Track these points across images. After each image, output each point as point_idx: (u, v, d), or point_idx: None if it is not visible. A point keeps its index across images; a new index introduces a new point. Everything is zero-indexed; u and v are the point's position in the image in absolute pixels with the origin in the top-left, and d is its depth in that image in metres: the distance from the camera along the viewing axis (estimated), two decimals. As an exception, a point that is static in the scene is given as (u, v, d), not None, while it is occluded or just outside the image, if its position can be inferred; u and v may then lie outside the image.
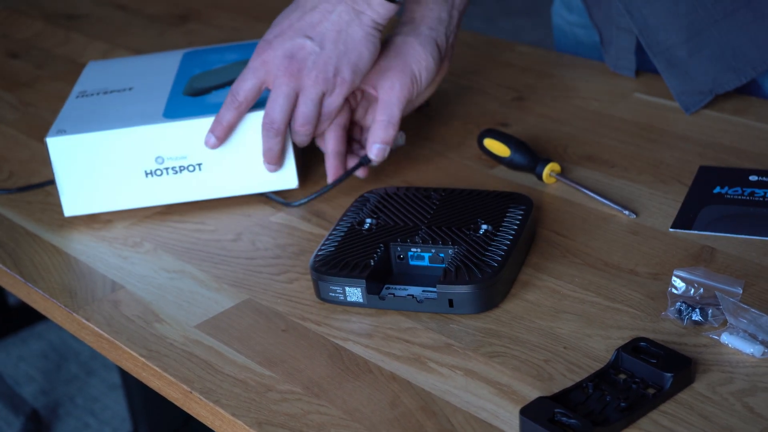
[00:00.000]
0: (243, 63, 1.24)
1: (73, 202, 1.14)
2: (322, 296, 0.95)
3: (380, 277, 0.95)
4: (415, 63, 1.11)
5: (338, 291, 0.94)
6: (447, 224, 0.98)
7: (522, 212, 0.99)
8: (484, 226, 0.97)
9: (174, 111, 1.14)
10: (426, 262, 0.96)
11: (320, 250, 0.98)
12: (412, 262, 0.97)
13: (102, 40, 1.68)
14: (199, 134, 1.12)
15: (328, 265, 0.95)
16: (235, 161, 1.14)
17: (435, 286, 0.92)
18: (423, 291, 0.93)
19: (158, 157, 1.12)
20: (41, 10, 1.83)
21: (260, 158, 1.13)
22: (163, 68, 1.27)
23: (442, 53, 1.14)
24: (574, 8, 1.42)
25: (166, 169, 1.13)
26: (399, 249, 0.96)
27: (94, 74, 1.29)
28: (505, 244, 0.94)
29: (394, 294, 0.93)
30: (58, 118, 1.16)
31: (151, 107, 1.16)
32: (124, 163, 1.12)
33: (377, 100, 1.12)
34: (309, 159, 1.21)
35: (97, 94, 1.21)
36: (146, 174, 1.13)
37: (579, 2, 1.39)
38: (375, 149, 1.11)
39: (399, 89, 1.10)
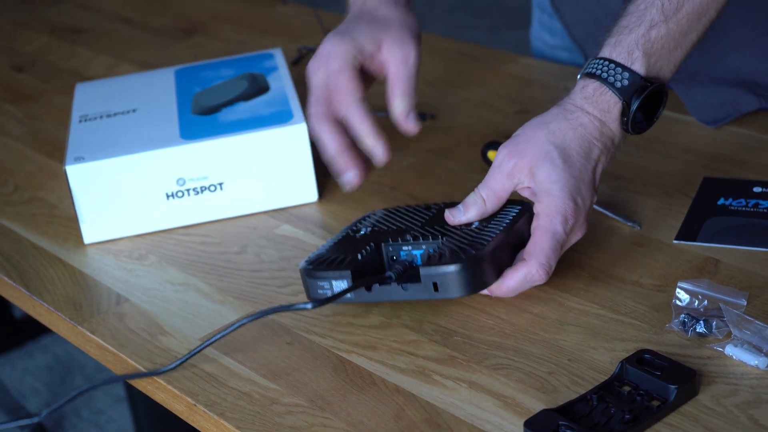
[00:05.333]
0: (243, 78, 1.24)
1: (93, 230, 1.13)
2: (311, 295, 0.95)
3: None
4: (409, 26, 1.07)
5: (326, 286, 0.93)
6: (440, 224, 0.97)
7: (516, 211, 0.97)
8: (476, 223, 0.96)
9: (191, 132, 1.14)
10: (419, 261, 0.95)
11: (312, 255, 0.98)
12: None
13: (107, 53, 1.68)
14: (221, 154, 1.12)
15: (315, 263, 0.95)
16: (256, 178, 1.14)
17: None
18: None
19: (180, 179, 1.12)
20: (47, 24, 1.84)
21: (280, 175, 1.14)
22: (159, 87, 1.27)
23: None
24: (557, 32, 1.43)
25: (188, 190, 1.13)
26: (391, 249, 0.95)
27: (88, 97, 1.28)
28: (494, 232, 0.93)
29: (379, 284, 0.92)
30: (70, 145, 1.15)
31: (166, 129, 1.16)
32: (145, 186, 1.12)
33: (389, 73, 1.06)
34: (327, 172, 1.22)
35: (101, 117, 1.21)
36: (167, 196, 1.13)
37: (561, 26, 1.40)
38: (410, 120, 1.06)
39: (413, 60, 1.06)
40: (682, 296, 0.92)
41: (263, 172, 1.14)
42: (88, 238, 1.13)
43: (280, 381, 0.89)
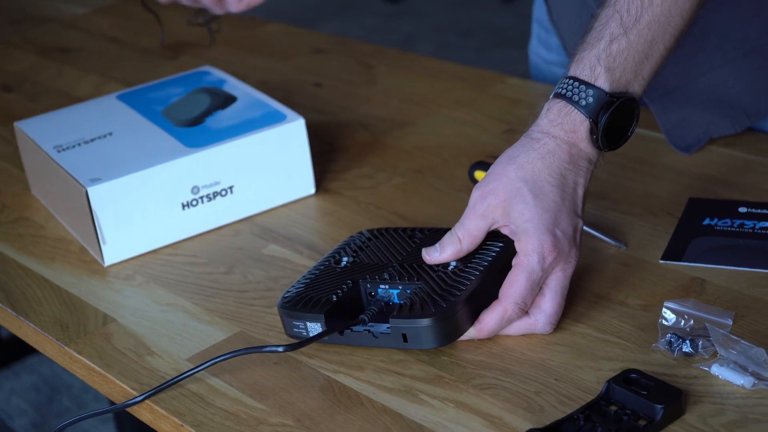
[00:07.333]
0: (200, 91, 1.27)
1: (114, 250, 1.12)
2: (287, 331, 0.95)
3: (350, 313, 0.94)
4: None
5: (301, 326, 0.93)
6: (419, 261, 0.96)
7: (498, 249, 0.95)
8: (454, 263, 0.95)
9: (194, 141, 1.16)
10: (396, 299, 0.95)
11: (292, 287, 0.98)
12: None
13: (95, 73, 1.68)
14: (231, 157, 1.15)
15: (291, 302, 0.95)
16: (262, 178, 1.18)
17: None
18: (387, 327, 0.92)
19: (194, 187, 1.14)
20: (34, 44, 1.84)
21: (282, 171, 1.19)
22: (116, 112, 1.27)
23: None
24: (553, 47, 1.43)
25: (201, 197, 1.15)
26: (369, 286, 0.96)
27: (43, 131, 1.24)
28: (469, 279, 0.92)
29: (351, 329, 0.93)
30: (71, 171, 1.13)
31: (165, 142, 1.17)
32: (162, 199, 1.13)
33: None
34: (322, 164, 1.23)
35: (78, 144, 1.19)
36: (183, 206, 1.14)
37: (557, 41, 1.40)
38: None
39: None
40: (669, 316, 0.92)
41: (268, 171, 1.18)
42: (109, 259, 1.12)
43: (267, 401, 0.89)
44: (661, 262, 1.03)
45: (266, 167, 1.18)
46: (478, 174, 1.17)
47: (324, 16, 4.65)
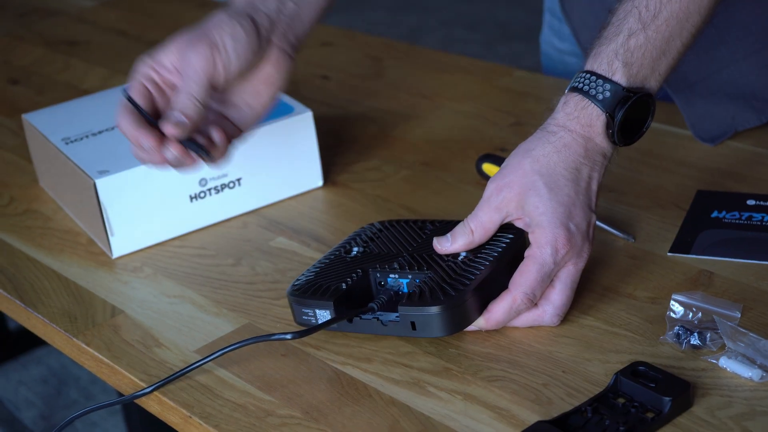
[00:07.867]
0: None
1: (122, 242, 1.13)
2: (297, 319, 0.95)
3: (359, 302, 0.94)
4: (216, 30, 0.97)
5: (310, 314, 0.94)
6: (429, 252, 0.97)
7: (508, 240, 0.95)
8: (464, 253, 0.95)
9: None
10: (405, 289, 0.95)
11: (302, 275, 0.98)
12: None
13: (102, 66, 1.69)
14: (238, 150, 1.14)
15: (301, 289, 0.95)
16: (269, 170, 1.18)
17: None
18: (396, 316, 0.92)
19: (202, 179, 1.14)
20: (42, 37, 1.84)
21: (289, 164, 1.19)
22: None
23: (259, 27, 0.99)
24: (566, 36, 1.43)
25: (209, 189, 1.15)
26: (378, 275, 0.96)
27: (51, 123, 1.24)
28: (479, 269, 0.92)
29: (360, 317, 0.93)
30: (79, 163, 1.13)
31: None
32: (170, 191, 1.13)
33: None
34: (330, 157, 1.24)
35: (86, 137, 1.19)
36: (191, 198, 1.14)
37: (570, 30, 1.40)
38: (173, 116, 0.95)
39: (196, 61, 0.96)
40: (677, 308, 0.92)
41: (275, 163, 1.18)
42: (117, 251, 1.13)
43: (275, 393, 0.89)
44: (669, 254, 1.03)
45: (274, 160, 1.18)
46: (486, 167, 1.17)
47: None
